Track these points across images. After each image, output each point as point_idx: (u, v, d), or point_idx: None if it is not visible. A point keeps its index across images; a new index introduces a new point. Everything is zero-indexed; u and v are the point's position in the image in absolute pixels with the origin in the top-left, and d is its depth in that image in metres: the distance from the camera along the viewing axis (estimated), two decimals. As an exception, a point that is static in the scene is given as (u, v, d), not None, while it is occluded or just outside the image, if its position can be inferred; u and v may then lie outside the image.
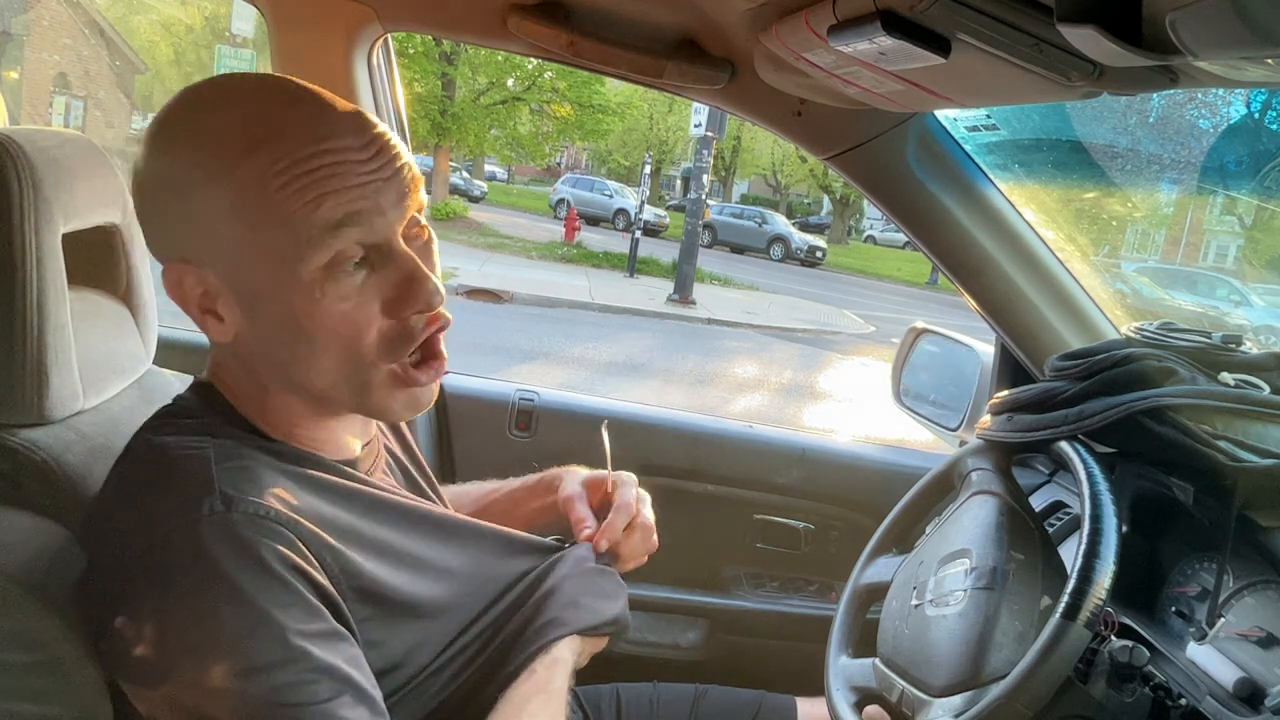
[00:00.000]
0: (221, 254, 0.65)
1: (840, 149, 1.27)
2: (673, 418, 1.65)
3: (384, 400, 0.70)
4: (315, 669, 0.60)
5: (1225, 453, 0.86)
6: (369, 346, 0.67)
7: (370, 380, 0.68)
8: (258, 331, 0.67)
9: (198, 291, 0.67)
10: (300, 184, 0.63)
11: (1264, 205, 9.44)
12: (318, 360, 0.67)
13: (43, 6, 12.76)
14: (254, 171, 0.63)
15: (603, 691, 1.14)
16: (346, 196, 0.64)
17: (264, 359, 0.69)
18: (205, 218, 0.64)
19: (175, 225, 0.67)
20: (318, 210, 0.63)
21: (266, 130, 0.64)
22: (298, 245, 0.63)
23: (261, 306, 0.66)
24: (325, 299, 0.64)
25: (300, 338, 0.66)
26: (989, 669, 0.84)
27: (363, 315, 0.66)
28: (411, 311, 0.68)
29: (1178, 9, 0.53)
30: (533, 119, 16.53)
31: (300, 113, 0.66)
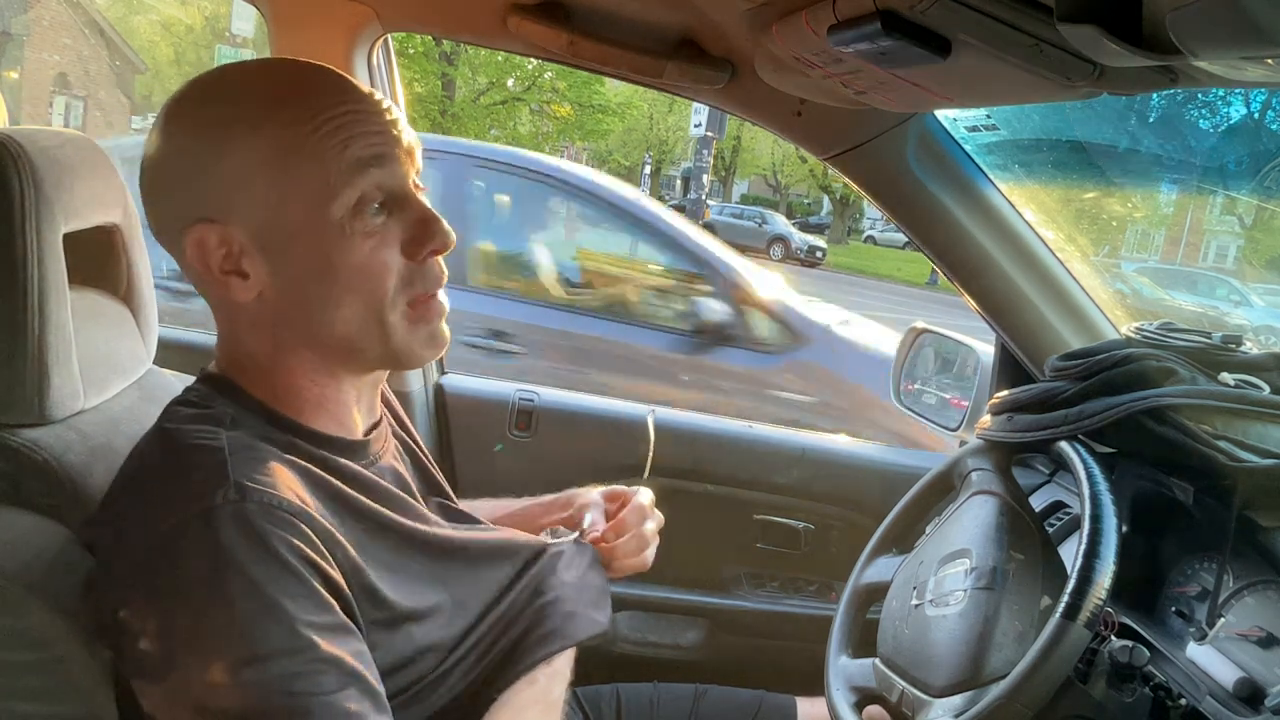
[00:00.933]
0: (252, 204, 0.68)
1: (840, 149, 1.27)
2: (673, 418, 1.64)
3: (407, 340, 0.73)
4: (322, 660, 0.60)
5: (1225, 453, 0.86)
6: (391, 286, 0.70)
7: (391, 321, 0.71)
8: (284, 282, 0.70)
9: (220, 253, 0.69)
10: (330, 127, 0.68)
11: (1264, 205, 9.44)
12: (343, 304, 0.70)
13: (43, 6, 12.76)
14: (286, 120, 0.68)
15: (603, 692, 1.14)
16: (371, 140, 0.69)
17: (287, 315, 0.71)
18: (236, 171, 0.67)
19: (198, 189, 0.69)
20: (346, 149, 0.68)
21: (292, 88, 0.70)
22: (329, 184, 0.67)
23: (290, 253, 0.69)
24: (354, 237, 0.68)
25: (328, 280, 0.69)
26: (989, 669, 0.84)
27: (386, 254, 0.70)
28: (428, 250, 0.72)
29: (1178, 9, 0.52)
30: (533, 119, 16.52)
31: (321, 75, 0.72)
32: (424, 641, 0.73)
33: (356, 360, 0.74)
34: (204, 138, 0.68)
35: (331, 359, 0.73)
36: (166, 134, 0.69)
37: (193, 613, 0.60)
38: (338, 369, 0.74)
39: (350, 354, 0.73)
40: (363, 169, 0.68)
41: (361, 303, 0.70)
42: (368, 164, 0.69)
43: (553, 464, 1.56)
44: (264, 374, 0.73)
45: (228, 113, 0.69)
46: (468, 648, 0.76)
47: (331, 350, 0.73)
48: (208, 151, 0.68)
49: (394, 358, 0.75)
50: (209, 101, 0.70)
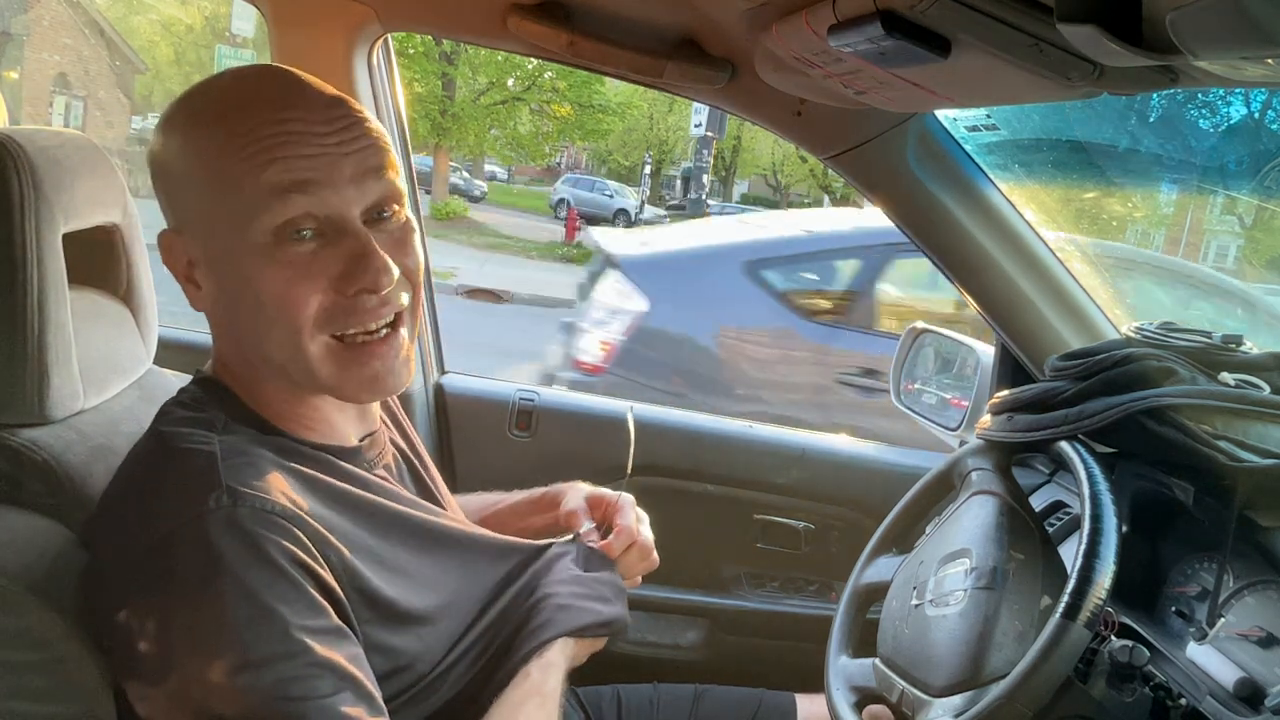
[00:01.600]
0: (193, 222, 0.70)
1: (840, 149, 1.27)
2: (673, 418, 1.65)
3: (336, 378, 0.70)
4: (316, 664, 0.60)
5: (1225, 453, 0.86)
6: (306, 319, 0.67)
7: (312, 353, 0.68)
8: (223, 300, 0.71)
9: (183, 260, 0.71)
10: (251, 150, 0.65)
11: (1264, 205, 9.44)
12: (270, 331, 0.68)
13: (43, 6, 12.76)
14: (215, 141, 0.67)
15: (603, 692, 1.14)
16: (296, 164, 0.66)
17: (232, 330, 0.72)
18: (181, 188, 0.70)
19: (166, 198, 0.71)
20: (263, 174, 0.65)
21: (231, 105, 0.69)
22: (247, 209, 0.65)
23: (224, 273, 0.69)
24: (272, 265, 0.66)
25: (251, 304, 0.67)
26: (989, 669, 0.84)
27: (306, 285, 0.67)
28: (357, 288, 0.68)
29: (1178, 9, 0.52)
30: (533, 119, 16.51)
31: (267, 87, 0.70)
32: (422, 641, 0.73)
33: (301, 384, 0.72)
34: (166, 148, 0.70)
35: (285, 380, 0.72)
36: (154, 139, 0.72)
37: (187, 618, 0.60)
38: (297, 388, 0.73)
39: (290, 377, 0.71)
40: (281, 195, 0.65)
41: (282, 332, 0.68)
42: (289, 189, 0.65)
43: (553, 464, 1.55)
44: (249, 385, 0.73)
45: (179, 134, 0.70)
46: (465, 647, 0.76)
47: (274, 371, 0.71)
48: (167, 162, 0.70)
49: (331, 391, 0.72)
50: (178, 113, 0.71)
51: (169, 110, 0.71)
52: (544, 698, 0.75)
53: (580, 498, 0.97)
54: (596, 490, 0.98)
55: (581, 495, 0.97)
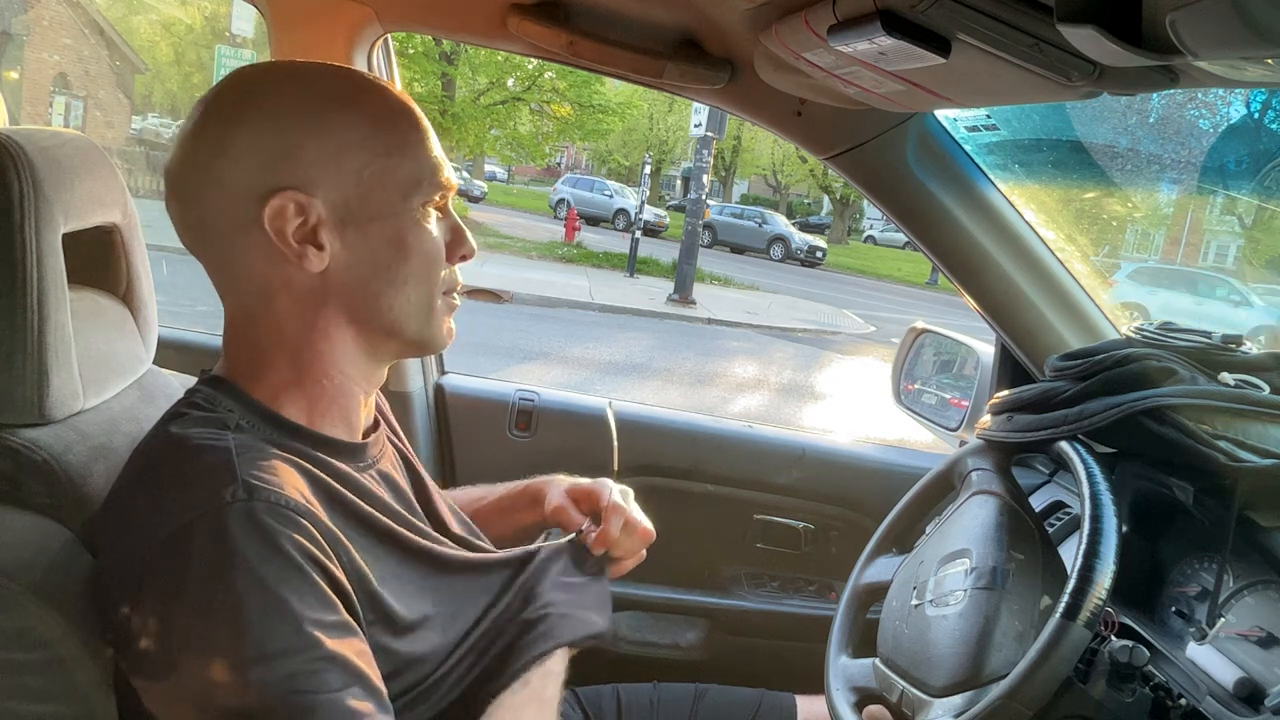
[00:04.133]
0: (340, 180, 0.71)
1: (840, 149, 1.27)
2: (673, 418, 1.65)
3: (439, 327, 0.79)
4: (326, 658, 0.60)
5: (1225, 453, 0.86)
6: (439, 276, 0.77)
7: (436, 306, 0.78)
8: (355, 258, 0.73)
9: (297, 222, 0.70)
10: (420, 133, 0.75)
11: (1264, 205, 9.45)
12: (406, 285, 0.75)
13: (43, 6, 12.76)
14: (385, 108, 0.74)
15: (603, 692, 1.14)
16: (444, 162, 0.77)
17: (346, 290, 0.74)
18: (329, 146, 0.71)
19: (284, 159, 0.70)
20: (433, 154, 0.76)
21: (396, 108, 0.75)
22: (418, 178, 0.74)
23: (369, 231, 0.73)
24: (423, 227, 0.75)
25: (399, 261, 0.74)
26: (989, 669, 0.84)
27: (440, 250, 0.77)
28: (462, 254, 0.80)
29: (1178, 9, 0.53)
30: (533, 119, 16.51)
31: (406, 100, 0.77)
32: (415, 651, 0.73)
33: (393, 342, 0.78)
34: (297, 111, 0.71)
35: (368, 339, 0.76)
36: (251, 107, 0.71)
37: (199, 610, 0.60)
38: (365, 354, 0.77)
39: (390, 335, 0.77)
40: (440, 172, 0.75)
41: (421, 286, 0.76)
42: (439, 168, 0.76)
43: (553, 464, 1.55)
44: (283, 362, 0.74)
45: (321, 92, 0.73)
46: (459, 657, 0.77)
47: (374, 330, 0.76)
48: (300, 124, 0.70)
49: (423, 342, 0.79)
50: (299, 80, 0.74)
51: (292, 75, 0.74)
52: (542, 704, 0.76)
53: (561, 493, 0.98)
54: (575, 481, 0.99)
55: (562, 490, 0.98)
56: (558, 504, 0.96)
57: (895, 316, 12.75)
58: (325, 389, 0.75)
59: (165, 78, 18.05)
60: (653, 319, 10.31)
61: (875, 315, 12.93)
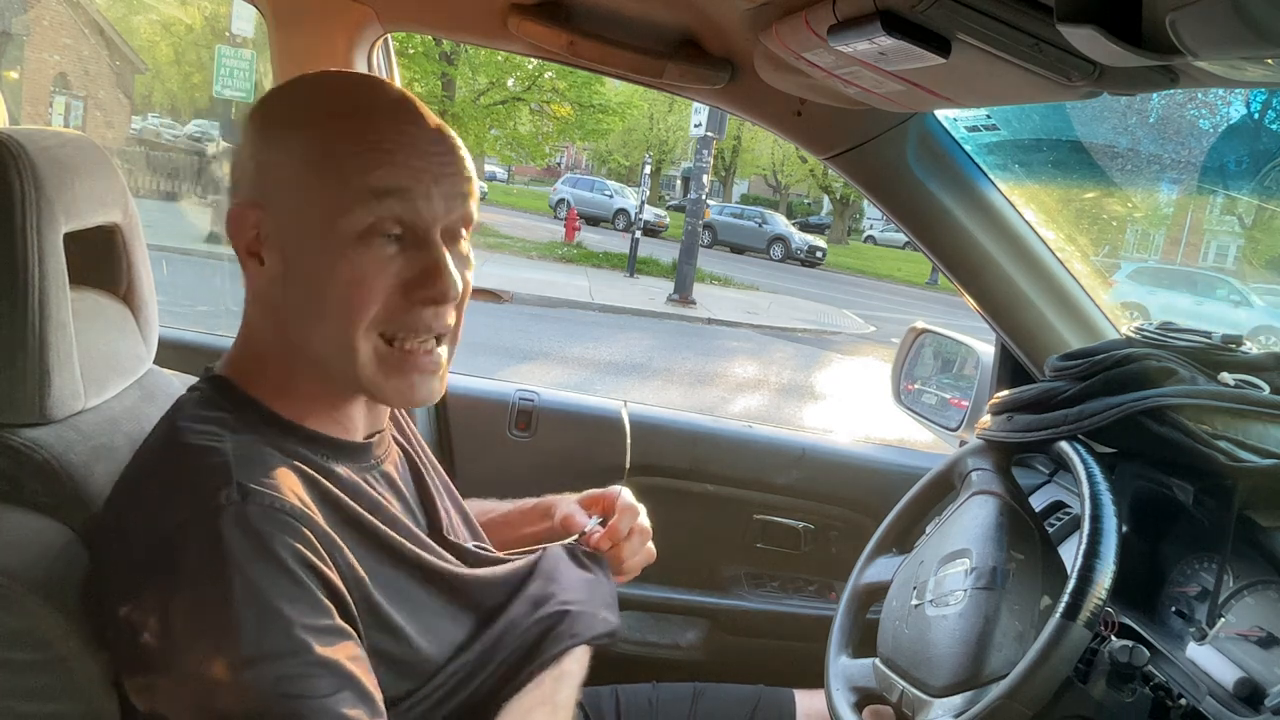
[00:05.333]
0: (281, 196, 0.71)
1: (840, 149, 1.27)
2: (673, 418, 1.65)
3: (376, 380, 0.72)
4: (317, 663, 0.61)
5: (1225, 453, 0.86)
6: (367, 313, 0.70)
7: (361, 349, 0.70)
8: (287, 279, 0.71)
9: (251, 234, 0.71)
10: (364, 147, 0.69)
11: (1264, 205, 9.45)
12: (324, 319, 0.70)
13: (43, 6, 12.76)
14: (335, 130, 0.70)
15: (602, 692, 1.14)
16: (403, 172, 0.69)
17: (288, 311, 0.72)
18: (279, 161, 0.71)
19: (250, 172, 0.73)
20: (372, 173, 0.68)
21: (354, 104, 0.72)
22: (346, 200, 0.68)
23: (299, 252, 0.70)
24: (352, 257, 0.69)
25: (319, 290, 0.70)
26: (989, 669, 0.84)
27: (377, 283, 0.70)
28: (424, 296, 0.71)
29: (1178, 9, 0.53)
30: (533, 119, 16.51)
31: (387, 95, 0.74)
32: (413, 655, 0.72)
33: (334, 379, 0.74)
34: (266, 127, 0.73)
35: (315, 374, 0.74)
36: (245, 125, 0.74)
37: (192, 612, 0.60)
38: (325, 384, 0.75)
39: (326, 371, 0.73)
40: (382, 197, 0.68)
41: (338, 324, 0.70)
42: (389, 194, 0.69)
43: (552, 464, 1.56)
44: (273, 366, 0.74)
45: (287, 110, 0.73)
46: (461, 662, 0.76)
47: (309, 363, 0.73)
48: (264, 139, 0.72)
49: (358, 387, 0.73)
50: (280, 99, 0.75)
51: (279, 93, 0.75)
52: (554, 706, 0.75)
53: (572, 503, 0.98)
54: (588, 492, 0.99)
55: (573, 501, 0.99)
56: (567, 512, 0.96)
57: (895, 316, 12.75)
58: (307, 393, 0.75)
59: (165, 78, 18.04)
60: (653, 319, 10.30)
61: (875, 315, 12.93)
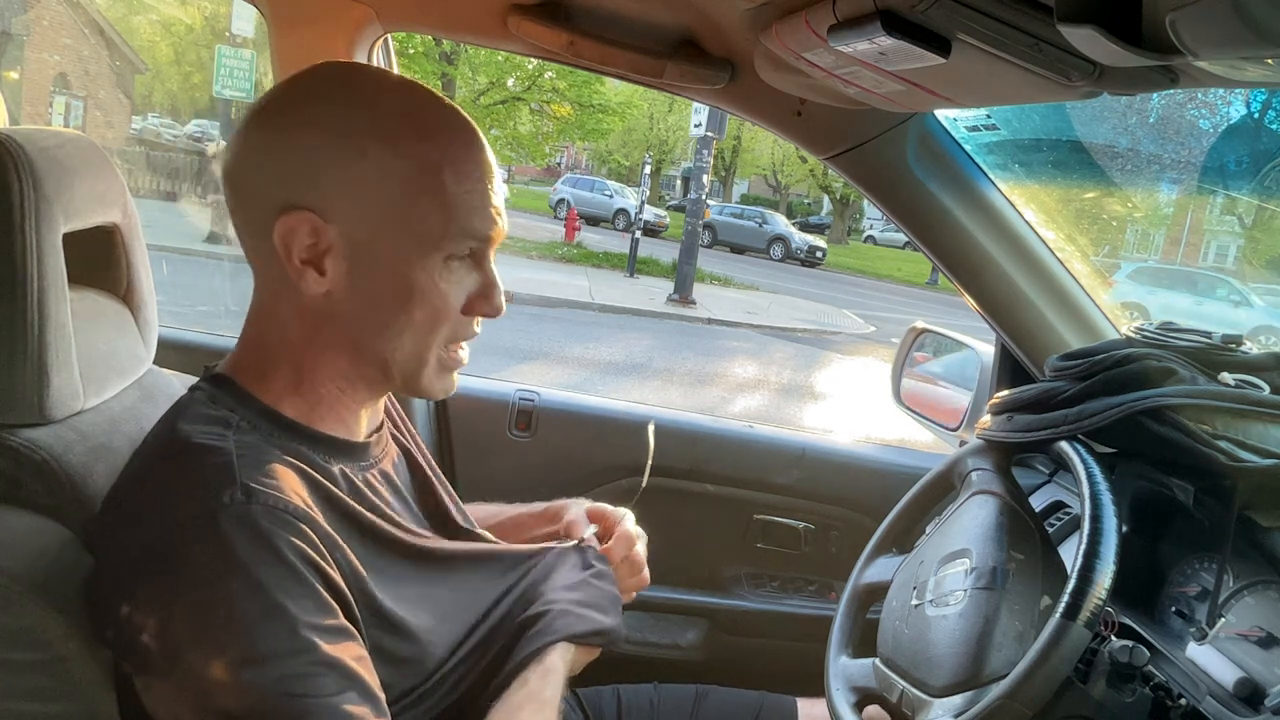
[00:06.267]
0: (362, 215, 0.70)
1: (840, 149, 1.27)
2: (673, 418, 1.65)
3: (430, 380, 0.77)
4: (322, 662, 0.61)
5: (1225, 453, 0.86)
6: (442, 329, 0.74)
7: (429, 360, 0.76)
8: (357, 293, 0.72)
9: (307, 243, 0.70)
10: (468, 186, 0.72)
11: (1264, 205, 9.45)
12: (403, 332, 0.73)
13: (43, 6, 12.76)
14: (433, 155, 0.70)
15: (604, 693, 1.14)
16: (489, 218, 0.74)
17: (344, 321, 0.73)
18: (358, 180, 0.69)
19: (311, 180, 0.69)
20: (472, 218, 0.72)
21: (433, 123, 0.72)
22: (445, 234, 0.71)
23: (376, 269, 0.71)
24: (438, 280, 0.72)
25: (400, 308, 0.72)
26: (989, 669, 0.84)
27: (451, 303, 0.74)
28: (482, 311, 0.77)
29: (1178, 9, 0.53)
30: (533, 119, 16.50)
31: (465, 122, 0.74)
32: (414, 652, 0.73)
33: (383, 381, 0.77)
34: (332, 133, 0.69)
35: (361, 371, 0.75)
36: (294, 118, 0.70)
37: (196, 611, 0.60)
38: (362, 381, 0.76)
39: (381, 373, 0.76)
40: (476, 239, 0.73)
41: (417, 338, 0.74)
42: (479, 236, 0.73)
43: (553, 464, 1.56)
44: (286, 366, 0.74)
45: (365, 120, 0.70)
46: (460, 658, 0.77)
47: (366, 366, 0.75)
48: (334, 149, 0.69)
49: (412, 389, 0.78)
50: (347, 103, 0.71)
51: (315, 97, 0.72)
52: (542, 703, 0.75)
53: (580, 510, 0.98)
54: (597, 505, 0.99)
55: (582, 508, 0.98)
56: (573, 518, 0.97)
57: (895, 316, 12.75)
58: (323, 396, 0.75)
59: (165, 78, 18.05)
60: (653, 319, 10.31)
61: (875, 315, 12.93)
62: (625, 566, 0.93)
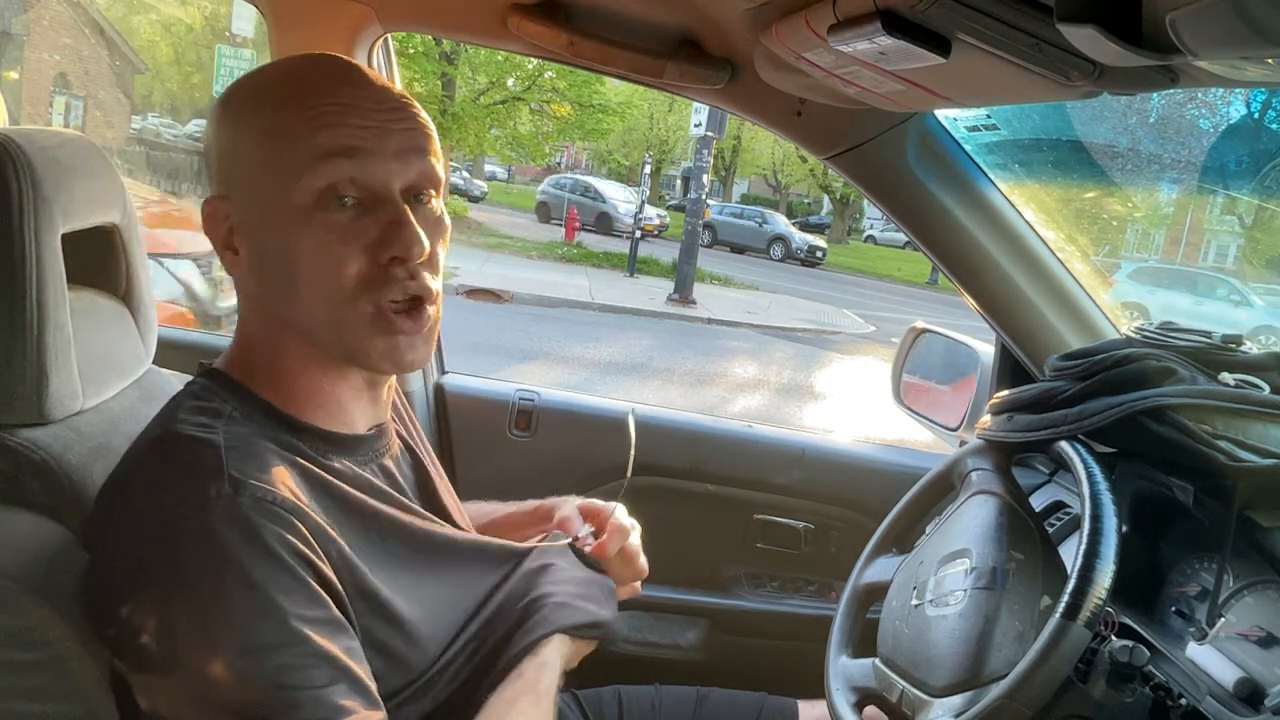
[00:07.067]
0: (242, 181, 0.71)
1: (840, 149, 1.27)
2: (673, 418, 1.65)
3: (363, 343, 0.71)
4: (313, 654, 0.61)
5: (1225, 453, 0.86)
6: (347, 281, 0.69)
7: (347, 318, 0.70)
8: (259, 264, 0.72)
9: (224, 227, 0.72)
10: (306, 114, 0.68)
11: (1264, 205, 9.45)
12: (303, 295, 0.70)
13: (43, 6, 12.76)
14: (278, 102, 0.70)
15: (604, 694, 1.14)
16: (346, 131, 0.68)
17: (270, 297, 0.73)
18: (236, 146, 0.71)
19: (219, 159, 0.73)
20: (314, 137, 0.68)
21: (295, 76, 0.72)
22: (293, 169, 0.68)
23: (263, 234, 0.71)
24: (311, 227, 0.68)
25: (289, 267, 0.69)
26: (989, 669, 0.84)
27: (344, 250, 0.69)
28: (390, 255, 0.69)
29: (1178, 9, 0.53)
30: (533, 119, 16.49)
31: (329, 66, 0.73)
32: (411, 644, 0.73)
33: (331, 359, 0.74)
34: (220, 118, 0.73)
35: (308, 351, 0.74)
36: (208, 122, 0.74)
37: (188, 606, 0.60)
38: (317, 359, 0.74)
39: (317, 345, 0.73)
40: (330, 157, 0.67)
41: (321, 293, 0.69)
42: (337, 153, 0.67)
43: (552, 464, 1.56)
44: (264, 359, 0.74)
45: (242, 95, 0.72)
46: (456, 650, 0.76)
47: (305, 343, 0.73)
48: (223, 129, 0.72)
49: (357, 359, 0.73)
50: (236, 87, 0.74)
51: (235, 84, 0.74)
52: (537, 695, 0.75)
53: (573, 506, 0.98)
54: (588, 500, 0.99)
55: (574, 505, 0.98)
56: (565, 515, 0.96)
57: (895, 316, 12.75)
58: (301, 386, 0.74)
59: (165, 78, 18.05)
60: (653, 319, 10.31)
61: (875, 315, 12.93)
62: (621, 558, 0.93)
